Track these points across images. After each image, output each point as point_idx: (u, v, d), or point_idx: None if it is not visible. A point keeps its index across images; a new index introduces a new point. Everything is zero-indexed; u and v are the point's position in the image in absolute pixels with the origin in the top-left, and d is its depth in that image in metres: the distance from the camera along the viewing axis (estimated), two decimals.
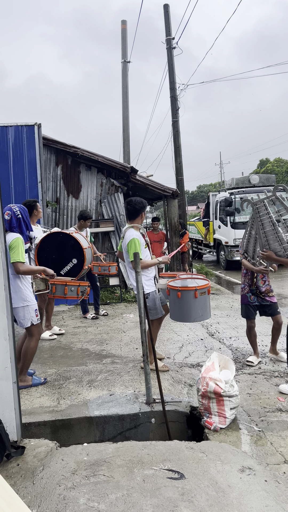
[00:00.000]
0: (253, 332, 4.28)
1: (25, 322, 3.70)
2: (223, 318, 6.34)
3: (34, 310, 3.75)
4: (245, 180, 13.94)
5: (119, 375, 4.01)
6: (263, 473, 2.35)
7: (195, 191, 76.95)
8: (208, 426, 2.91)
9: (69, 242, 4.99)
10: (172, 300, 3.64)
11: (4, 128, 7.36)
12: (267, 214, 3.66)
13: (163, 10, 11.85)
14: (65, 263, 4.96)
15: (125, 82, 14.78)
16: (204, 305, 3.57)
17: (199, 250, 17.48)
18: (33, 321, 3.73)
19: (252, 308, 4.23)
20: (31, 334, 3.78)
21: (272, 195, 3.66)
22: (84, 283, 4.47)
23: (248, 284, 4.21)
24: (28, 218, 3.84)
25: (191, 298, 3.51)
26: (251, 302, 4.20)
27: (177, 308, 3.63)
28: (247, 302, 4.22)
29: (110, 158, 8.53)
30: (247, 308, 4.25)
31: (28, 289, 3.75)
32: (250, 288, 4.18)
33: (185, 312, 3.58)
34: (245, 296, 4.24)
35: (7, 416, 2.67)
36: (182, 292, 3.53)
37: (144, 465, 2.42)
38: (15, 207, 3.72)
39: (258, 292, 4.15)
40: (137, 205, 4.02)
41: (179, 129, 11.90)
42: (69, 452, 2.61)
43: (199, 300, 3.51)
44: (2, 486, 1.77)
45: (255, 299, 4.18)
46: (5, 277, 2.64)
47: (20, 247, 3.58)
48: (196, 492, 2.16)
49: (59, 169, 8.63)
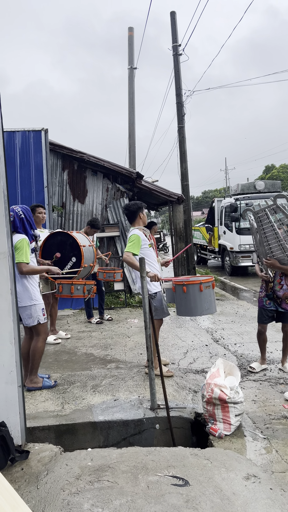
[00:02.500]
0: (263, 337, 4.24)
1: (32, 321, 3.74)
2: (228, 324, 6.32)
3: (41, 309, 3.79)
4: (250, 186, 13.93)
5: (124, 380, 4.00)
6: (268, 481, 2.33)
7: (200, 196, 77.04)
8: (213, 433, 2.89)
9: (68, 241, 5.05)
10: (178, 295, 3.69)
11: (12, 133, 7.43)
12: (269, 222, 3.66)
13: (170, 18, 11.94)
14: (66, 262, 5.01)
15: (132, 88, 14.87)
16: (210, 299, 3.62)
17: (203, 256, 17.46)
18: (40, 320, 3.76)
19: (266, 312, 4.14)
20: (38, 333, 3.81)
21: (273, 204, 3.67)
22: (90, 282, 4.55)
23: (264, 288, 4.14)
24: (32, 218, 3.89)
25: (197, 292, 3.56)
26: (266, 307, 4.11)
27: (183, 303, 3.68)
28: (262, 306, 4.15)
29: (116, 164, 8.57)
30: (261, 312, 4.19)
31: (35, 288, 3.81)
32: (267, 293, 4.12)
33: (192, 306, 3.62)
34: (261, 300, 4.18)
35: (12, 420, 2.67)
36: (187, 286, 3.58)
37: (149, 471, 2.41)
38: (17, 208, 3.77)
39: (276, 296, 4.05)
40: (131, 207, 4.21)
41: (184, 135, 11.93)
42: (73, 457, 2.61)
43: (204, 293, 3.56)
44: (7, 490, 1.78)
45: (271, 304, 4.09)
46: (11, 281, 2.65)
47: (25, 248, 3.63)
48: (200, 499, 2.15)
49: (65, 174, 8.68)
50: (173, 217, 10.07)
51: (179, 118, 11.95)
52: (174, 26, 11.88)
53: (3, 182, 2.58)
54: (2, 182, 2.57)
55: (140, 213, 4.23)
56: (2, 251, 2.61)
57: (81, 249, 4.96)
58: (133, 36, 14.76)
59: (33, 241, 3.85)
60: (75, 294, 4.42)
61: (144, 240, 4.10)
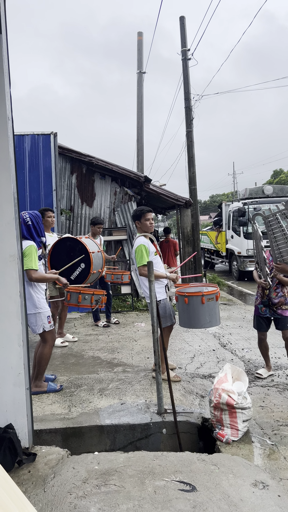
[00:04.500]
0: (264, 344, 4.21)
1: (37, 329, 3.74)
2: (235, 329, 6.28)
3: (47, 317, 3.77)
4: (258, 190, 13.89)
5: (131, 384, 4.00)
6: (276, 488, 2.31)
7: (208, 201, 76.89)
8: (220, 438, 2.87)
9: (77, 247, 5.03)
10: (181, 306, 3.67)
11: (21, 136, 7.50)
12: (279, 227, 3.65)
13: (179, 22, 12.00)
14: (74, 268, 5.00)
15: (140, 92, 14.92)
16: (213, 311, 3.56)
17: (211, 260, 17.41)
18: (45, 327, 3.75)
19: (263, 320, 4.14)
20: (45, 341, 3.81)
21: (284, 209, 3.66)
22: (99, 292, 4.44)
23: (260, 295, 4.14)
24: (40, 224, 3.82)
25: (198, 304, 3.52)
26: (261, 314, 4.12)
27: (185, 314, 3.65)
28: (258, 313, 4.16)
29: (124, 167, 8.60)
30: (257, 320, 4.19)
31: (40, 296, 3.77)
32: (262, 300, 4.11)
33: (193, 318, 3.59)
34: (256, 307, 4.18)
35: (20, 422, 2.68)
36: (188, 297, 3.55)
37: (156, 476, 2.40)
38: (25, 214, 3.71)
39: (271, 303, 4.05)
40: (133, 213, 4.24)
41: (193, 139, 11.95)
42: (80, 460, 2.60)
43: (206, 306, 3.51)
44: (15, 492, 1.78)
45: (267, 311, 4.08)
46: (20, 284, 2.67)
47: (33, 254, 3.60)
48: (208, 505, 2.13)
49: (73, 178, 8.73)
50: (181, 221, 10.07)
51: (187, 123, 11.98)
52: (183, 31, 11.94)
53: (13, 186, 2.60)
54: (12, 186, 2.59)
55: (136, 221, 4.17)
56: (11, 254, 2.63)
57: (90, 255, 4.95)
58: (142, 41, 14.84)
59: (40, 248, 3.81)
60: (82, 304, 4.30)
61: (149, 247, 4.04)
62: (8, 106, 2.56)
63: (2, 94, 2.52)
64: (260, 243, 4.08)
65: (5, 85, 2.52)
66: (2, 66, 2.50)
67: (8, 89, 2.55)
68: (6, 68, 2.53)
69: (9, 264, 2.63)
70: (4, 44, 2.51)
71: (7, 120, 2.55)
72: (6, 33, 2.51)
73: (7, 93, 2.54)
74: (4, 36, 2.50)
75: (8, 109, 2.56)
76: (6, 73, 2.53)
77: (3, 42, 2.50)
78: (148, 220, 4.14)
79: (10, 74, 2.57)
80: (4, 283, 2.64)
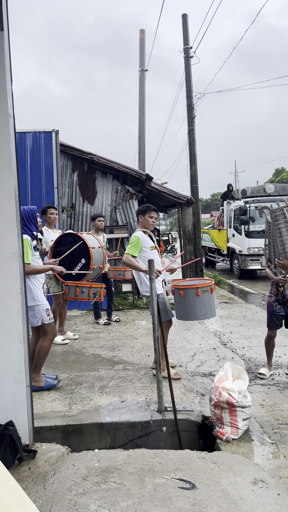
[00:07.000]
0: (272, 342, 4.20)
1: (36, 321, 3.77)
2: (236, 328, 6.28)
3: (45, 310, 3.81)
4: (260, 189, 13.87)
5: (131, 382, 4.00)
6: (276, 486, 2.31)
7: (209, 199, 76.84)
8: (220, 437, 2.88)
9: (78, 242, 5.07)
10: (177, 299, 3.72)
11: (23, 134, 7.49)
12: (285, 222, 3.63)
13: (181, 20, 11.96)
14: (75, 263, 5.02)
15: (142, 90, 14.88)
16: (208, 303, 3.60)
17: (212, 258, 17.40)
18: (44, 320, 3.78)
19: (276, 318, 4.10)
20: (45, 333, 3.83)
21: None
22: (97, 285, 4.50)
23: (274, 293, 4.09)
24: (35, 219, 3.87)
25: (193, 296, 3.57)
26: (276, 312, 4.07)
27: (181, 307, 3.70)
28: (272, 311, 4.11)
29: (125, 165, 8.59)
30: (271, 317, 4.14)
31: (38, 289, 3.82)
32: (277, 298, 4.07)
33: (189, 310, 3.63)
34: (270, 305, 4.12)
35: (20, 419, 2.69)
36: (184, 290, 3.60)
37: (155, 473, 2.40)
38: None
39: (286, 301, 4.01)
40: (139, 207, 4.34)
41: (195, 137, 11.92)
42: (80, 457, 2.61)
43: (201, 298, 3.55)
44: (15, 489, 1.78)
45: (281, 309, 4.05)
46: (21, 281, 2.67)
47: (25, 248, 3.64)
48: (207, 503, 2.14)
49: (75, 175, 8.72)
50: (182, 219, 10.06)
51: (189, 121, 11.94)
52: (185, 28, 11.90)
53: (14, 183, 2.60)
54: (14, 183, 2.59)
55: (140, 215, 4.28)
56: (13, 251, 2.63)
57: (90, 251, 4.96)
58: (144, 38, 14.78)
59: (33, 239, 3.84)
60: (80, 297, 4.40)
61: (146, 242, 4.10)
62: (10, 103, 2.56)
63: (4, 91, 2.52)
64: (278, 238, 3.77)
65: (6, 82, 2.52)
66: (3, 63, 2.50)
67: (10, 86, 2.55)
68: (8, 65, 2.53)
69: (10, 261, 2.63)
70: (6, 42, 2.50)
71: (9, 117, 2.55)
72: (8, 30, 2.51)
73: (9, 90, 2.54)
74: (6, 34, 2.50)
75: (10, 106, 2.56)
76: (8, 70, 2.53)
77: (5, 40, 2.50)
78: (152, 218, 4.25)
79: (11, 72, 2.57)
80: (6, 280, 2.64)
